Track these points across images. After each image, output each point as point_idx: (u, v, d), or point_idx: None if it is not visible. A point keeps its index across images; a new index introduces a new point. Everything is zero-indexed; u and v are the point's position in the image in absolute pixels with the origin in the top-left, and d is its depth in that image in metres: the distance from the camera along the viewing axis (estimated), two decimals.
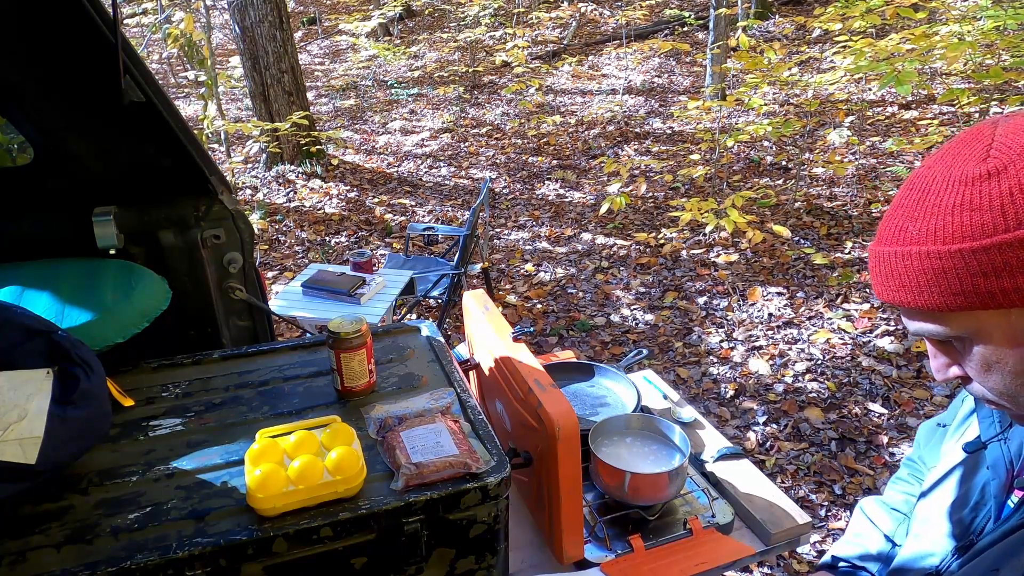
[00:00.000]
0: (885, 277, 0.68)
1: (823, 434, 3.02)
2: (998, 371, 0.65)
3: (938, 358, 0.72)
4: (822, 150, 6.06)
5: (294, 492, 0.98)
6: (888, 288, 0.68)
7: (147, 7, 9.46)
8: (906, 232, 0.65)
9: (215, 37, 11.02)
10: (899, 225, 0.66)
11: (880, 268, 0.69)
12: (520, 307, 4.43)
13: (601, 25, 11.41)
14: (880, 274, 0.69)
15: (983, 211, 0.60)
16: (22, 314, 1.10)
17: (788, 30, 9.20)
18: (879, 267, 0.69)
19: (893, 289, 0.67)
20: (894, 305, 0.70)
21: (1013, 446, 0.79)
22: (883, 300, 0.71)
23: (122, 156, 1.45)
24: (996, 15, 4.89)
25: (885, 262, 0.68)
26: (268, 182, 6.85)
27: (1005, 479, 0.78)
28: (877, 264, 0.69)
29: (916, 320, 0.68)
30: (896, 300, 0.68)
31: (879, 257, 0.69)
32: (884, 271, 0.68)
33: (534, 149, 7.43)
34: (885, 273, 0.68)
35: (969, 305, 0.62)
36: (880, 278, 0.69)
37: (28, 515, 1.00)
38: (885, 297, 0.69)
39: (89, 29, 1.17)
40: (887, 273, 0.68)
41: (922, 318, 0.67)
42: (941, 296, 0.63)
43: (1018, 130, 0.62)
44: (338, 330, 1.23)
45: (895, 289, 0.67)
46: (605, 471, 1.36)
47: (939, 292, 0.63)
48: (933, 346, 0.71)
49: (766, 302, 4.11)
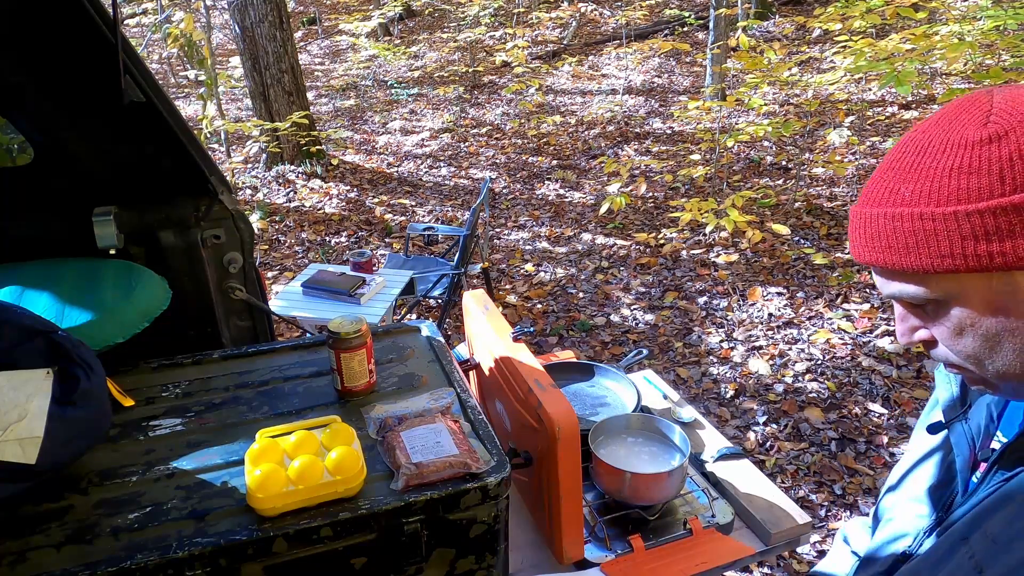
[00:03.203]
0: (870, 238, 0.68)
1: (823, 434, 3.02)
2: (970, 335, 0.66)
3: (907, 320, 0.72)
4: (822, 150, 6.06)
5: (294, 492, 0.98)
6: (873, 249, 0.67)
7: (147, 7, 9.47)
8: (898, 194, 0.65)
9: (215, 37, 11.02)
10: (890, 187, 0.66)
11: (865, 229, 0.68)
12: (520, 307, 4.43)
13: (601, 25, 11.41)
14: (865, 235, 0.68)
15: (981, 174, 0.60)
16: (22, 314, 1.10)
17: (788, 30, 9.20)
18: (864, 228, 0.68)
19: (879, 250, 0.67)
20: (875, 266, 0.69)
21: (973, 424, 0.80)
22: (863, 261, 0.70)
23: (122, 156, 1.45)
24: (996, 15, 4.89)
25: (872, 223, 0.67)
26: (268, 182, 6.85)
27: (969, 456, 0.79)
28: (862, 225, 0.69)
29: (895, 281, 0.68)
30: (880, 261, 0.67)
31: (865, 218, 0.68)
32: (870, 232, 0.68)
33: (534, 149, 7.43)
34: (871, 234, 0.67)
35: (956, 268, 0.62)
36: (864, 239, 0.68)
37: (28, 515, 1.00)
38: (867, 258, 0.69)
39: (89, 29, 1.17)
40: (873, 234, 0.67)
41: (903, 279, 0.67)
42: (929, 258, 0.63)
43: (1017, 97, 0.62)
44: (338, 330, 1.23)
45: (881, 250, 0.67)
46: (605, 471, 1.36)
47: (927, 254, 0.63)
48: (904, 308, 0.71)
49: (766, 302, 4.11)
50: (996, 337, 0.64)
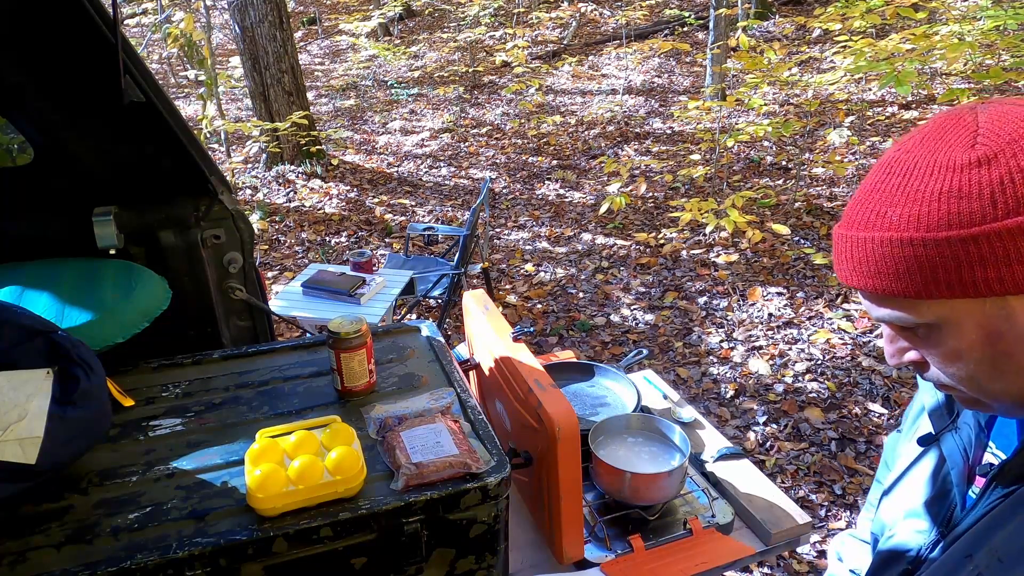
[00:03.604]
0: (857, 263, 0.66)
1: (823, 434, 3.02)
2: (963, 359, 0.64)
3: (895, 343, 0.70)
4: (822, 150, 6.06)
5: (294, 492, 0.98)
6: (860, 274, 0.66)
7: (147, 7, 9.47)
8: (885, 218, 0.63)
9: (215, 37, 11.02)
10: (876, 210, 0.64)
11: (852, 253, 0.66)
12: (520, 307, 4.43)
13: (601, 25, 11.41)
14: (851, 259, 0.67)
15: (972, 199, 0.58)
16: (22, 314, 1.10)
17: (788, 30, 9.20)
18: (850, 252, 0.66)
19: (867, 275, 0.65)
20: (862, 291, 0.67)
21: (964, 434, 0.79)
22: (851, 285, 0.68)
23: (122, 156, 1.45)
24: (996, 15, 4.89)
25: (859, 247, 0.65)
26: (268, 182, 6.85)
27: (963, 467, 0.78)
28: (848, 249, 0.67)
29: (884, 307, 0.66)
30: (870, 286, 0.65)
31: (851, 242, 0.66)
32: (857, 256, 0.66)
33: (534, 149, 7.43)
34: (858, 259, 0.66)
35: (948, 294, 0.61)
36: (851, 264, 0.67)
37: (28, 515, 1.00)
38: (855, 283, 0.67)
39: (89, 29, 1.17)
40: (860, 259, 0.65)
41: (892, 305, 0.65)
42: (921, 285, 0.62)
43: (1003, 117, 0.60)
44: (338, 330, 1.23)
45: (870, 275, 0.65)
46: (605, 471, 1.36)
47: (919, 280, 0.62)
48: (893, 331, 0.70)
49: (766, 302, 4.11)
50: (990, 361, 0.63)
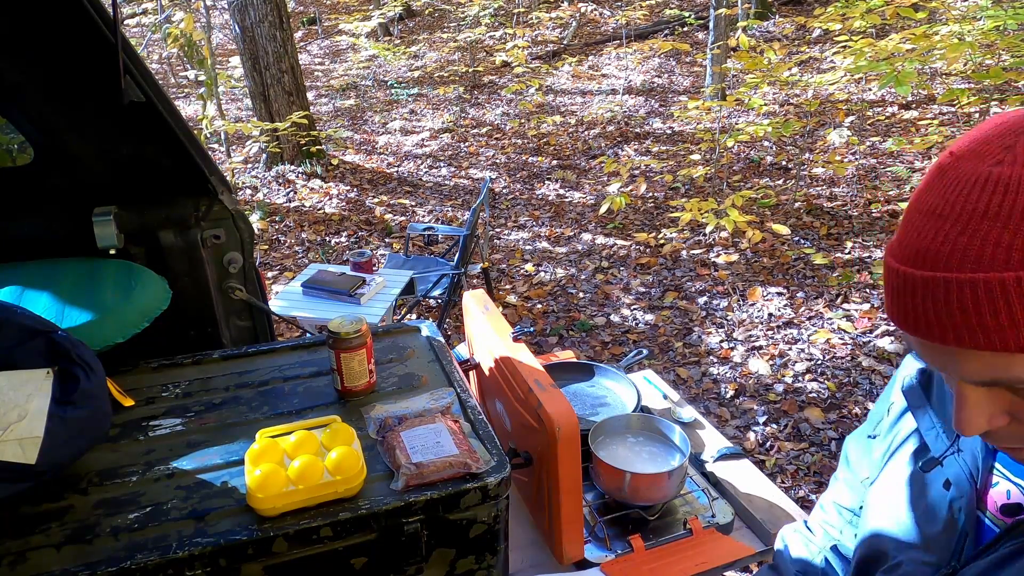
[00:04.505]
0: (949, 315, 0.51)
1: (823, 434, 3.02)
2: None
3: (981, 406, 0.56)
4: (822, 150, 6.06)
5: (294, 492, 0.98)
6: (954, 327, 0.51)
7: (147, 7, 9.47)
8: (968, 253, 0.49)
9: (215, 37, 11.02)
10: (961, 244, 0.50)
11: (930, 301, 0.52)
12: (520, 307, 4.43)
13: (601, 25, 11.41)
14: (930, 310, 0.52)
15: None
16: (22, 314, 1.10)
17: (788, 30, 9.20)
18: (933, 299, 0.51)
19: (967, 328, 0.50)
20: (950, 345, 0.52)
21: (968, 457, 0.72)
22: (933, 341, 0.53)
23: (122, 156, 1.45)
24: (996, 15, 4.89)
25: (941, 290, 0.51)
26: (268, 182, 6.85)
27: (971, 492, 0.71)
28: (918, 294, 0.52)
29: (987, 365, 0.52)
30: (970, 342, 0.51)
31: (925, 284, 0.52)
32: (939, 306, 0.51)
33: (534, 149, 7.43)
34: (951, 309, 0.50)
35: None
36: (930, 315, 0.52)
37: (28, 515, 1.00)
38: (941, 338, 0.52)
39: (89, 29, 1.17)
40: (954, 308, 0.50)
41: (991, 361, 0.52)
42: None
43: None
44: (338, 330, 1.23)
45: (971, 328, 0.50)
46: (605, 471, 1.36)
47: None
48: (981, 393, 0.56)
49: (766, 302, 4.11)
50: None
